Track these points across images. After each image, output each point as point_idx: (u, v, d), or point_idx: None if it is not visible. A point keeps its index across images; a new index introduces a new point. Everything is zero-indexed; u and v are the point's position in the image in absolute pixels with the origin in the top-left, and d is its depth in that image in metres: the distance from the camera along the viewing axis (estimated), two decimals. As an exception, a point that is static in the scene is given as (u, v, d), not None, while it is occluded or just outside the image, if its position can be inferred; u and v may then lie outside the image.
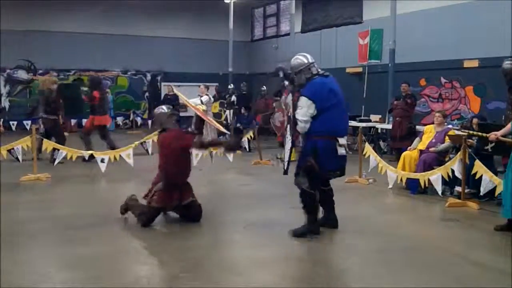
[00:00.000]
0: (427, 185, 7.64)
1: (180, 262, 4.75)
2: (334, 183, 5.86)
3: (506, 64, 7.31)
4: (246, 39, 22.86)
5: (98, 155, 9.29)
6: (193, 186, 6.16)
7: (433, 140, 8.06)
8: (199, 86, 12.43)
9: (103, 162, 9.12)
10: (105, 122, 11.75)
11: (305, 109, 5.30)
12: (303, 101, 5.34)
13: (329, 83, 5.49)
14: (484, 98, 12.06)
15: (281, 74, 6.21)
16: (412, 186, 7.90)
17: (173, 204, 6.02)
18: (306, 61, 5.53)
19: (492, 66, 11.04)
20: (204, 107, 10.81)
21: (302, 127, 5.35)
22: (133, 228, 5.92)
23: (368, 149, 8.91)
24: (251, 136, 12.06)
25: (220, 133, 14.78)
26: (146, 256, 5.00)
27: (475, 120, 8.10)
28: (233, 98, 15.98)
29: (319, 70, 5.56)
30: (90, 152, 9.58)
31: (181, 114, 15.49)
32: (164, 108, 6.37)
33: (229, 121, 15.45)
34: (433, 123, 8.54)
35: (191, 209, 6.10)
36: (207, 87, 12.64)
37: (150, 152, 9.86)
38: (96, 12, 19.69)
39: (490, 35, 11.50)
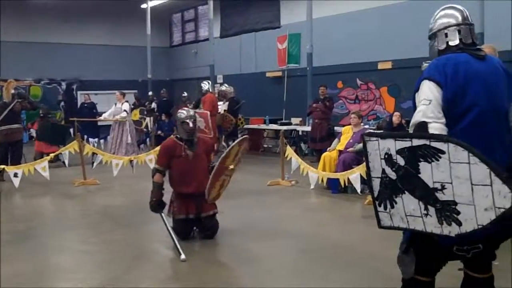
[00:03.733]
0: (347, 184, 7.83)
1: (101, 276, 4.60)
2: (256, 186, 5.79)
3: (425, 66, 7.64)
4: (165, 45, 22.62)
5: (10, 169, 8.79)
6: (115, 196, 5.95)
7: (351, 141, 8.28)
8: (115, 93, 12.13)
9: (17, 176, 8.63)
10: None
11: (432, 103, 2.64)
12: (425, 88, 2.71)
13: (472, 66, 2.69)
14: (398, 98, 12.59)
15: None
16: (333, 186, 8.10)
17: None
18: (451, 21, 2.83)
19: (404, 67, 11.58)
20: None
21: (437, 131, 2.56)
22: (52, 244, 5.69)
23: (290, 151, 9.03)
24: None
25: (142, 142, 14.60)
26: (67, 272, 4.80)
27: (397, 113, 8.29)
28: (153, 105, 15.74)
29: (471, 41, 2.82)
30: (2, 166, 9.01)
31: (100, 123, 15.14)
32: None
33: (149, 128, 15.18)
34: (350, 124, 8.81)
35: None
36: (123, 94, 12.33)
37: (67, 164, 9.45)
38: (5, 17, 18.72)
39: (402, 37, 12.01)
